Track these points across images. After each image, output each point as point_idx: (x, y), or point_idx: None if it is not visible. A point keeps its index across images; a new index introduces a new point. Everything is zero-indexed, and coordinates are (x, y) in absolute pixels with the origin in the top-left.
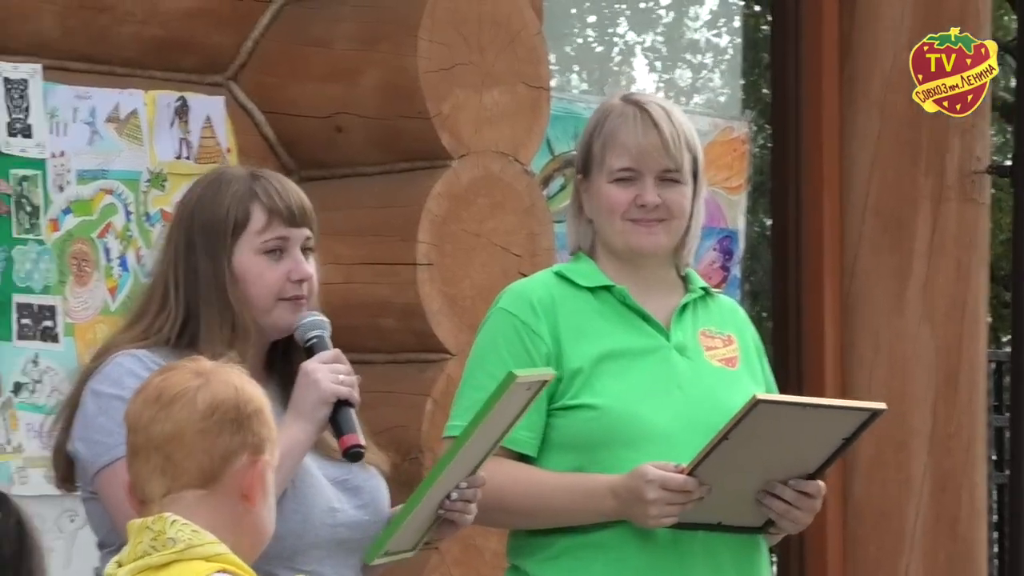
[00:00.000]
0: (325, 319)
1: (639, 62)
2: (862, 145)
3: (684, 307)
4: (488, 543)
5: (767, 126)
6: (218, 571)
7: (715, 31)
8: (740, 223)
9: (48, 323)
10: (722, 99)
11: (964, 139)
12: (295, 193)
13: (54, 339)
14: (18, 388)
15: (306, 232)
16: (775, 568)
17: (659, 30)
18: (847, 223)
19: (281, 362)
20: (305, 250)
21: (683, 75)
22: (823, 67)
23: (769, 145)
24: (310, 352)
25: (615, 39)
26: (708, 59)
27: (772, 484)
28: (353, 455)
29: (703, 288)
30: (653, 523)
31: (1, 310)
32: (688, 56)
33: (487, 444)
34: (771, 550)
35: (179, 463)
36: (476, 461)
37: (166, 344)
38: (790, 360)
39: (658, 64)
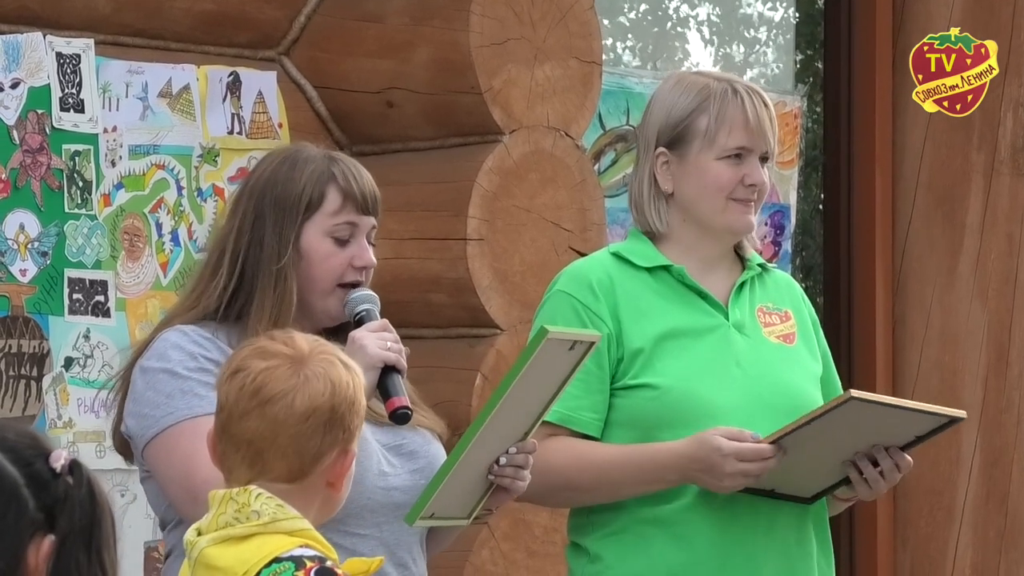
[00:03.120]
0: (374, 294)
1: (693, 36)
2: (914, 120)
3: (742, 285)
4: (537, 518)
5: (820, 100)
6: (301, 546)
7: (770, 4)
8: (792, 198)
9: (99, 298)
10: (775, 73)
11: (1016, 114)
12: (369, 181)
13: (105, 314)
14: (69, 363)
15: (373, 221)
16: None
17: (713, 4)
18: (899, 198)
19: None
20: (368, 240)
21: (737, 49)
22: (876, 41)
23: (822, 119)
24: (360, 325)
25: (669, 13)
26: (762, 33)
27: (877, 449)
28: (400, 416)
29: (760, 264)
30: (725, 490)
31: (53, 285)
32: (743, 30)
33: (533, 407)
34: None
35: (268, 461)
36: (524, 426)
37: (214, 316)
38: (841, 335)
39: (712, 38)
